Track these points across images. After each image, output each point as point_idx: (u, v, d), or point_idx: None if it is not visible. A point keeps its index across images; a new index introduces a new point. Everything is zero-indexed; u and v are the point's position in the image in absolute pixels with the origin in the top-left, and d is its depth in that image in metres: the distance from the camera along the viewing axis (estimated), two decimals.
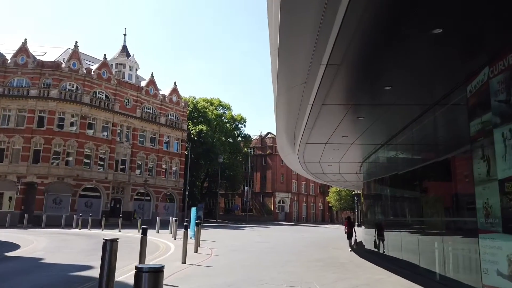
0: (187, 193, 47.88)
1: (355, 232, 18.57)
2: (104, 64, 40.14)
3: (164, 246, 16.26)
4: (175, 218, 21.23)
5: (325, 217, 77.82)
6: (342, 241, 24.38)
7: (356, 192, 53.61)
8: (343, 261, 13.18)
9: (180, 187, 47.60)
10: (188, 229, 12.20)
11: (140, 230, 9.35)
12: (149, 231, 23.97)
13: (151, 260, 11.50)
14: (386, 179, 15.45)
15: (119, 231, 25.83)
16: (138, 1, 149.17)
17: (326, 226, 56.04)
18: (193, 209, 20.77)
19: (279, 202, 68.15)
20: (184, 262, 10.70)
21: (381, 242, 15.34)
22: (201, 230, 32.06)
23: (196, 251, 13.44)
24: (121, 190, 41.36)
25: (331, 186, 65.16)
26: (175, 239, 19.41)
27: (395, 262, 12.68)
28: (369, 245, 17.96)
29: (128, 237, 20.94)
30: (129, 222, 38.82)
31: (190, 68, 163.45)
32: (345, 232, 18.52)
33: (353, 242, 18.22)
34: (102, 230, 25.85)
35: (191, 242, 13.61)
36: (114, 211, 39.77)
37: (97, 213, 37.74)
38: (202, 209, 49.99)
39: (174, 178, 47.10)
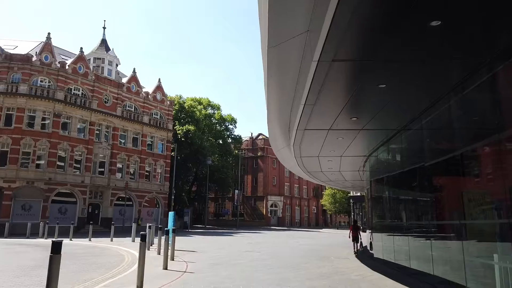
0: (173, 197, 44.70)
1: (360, 236, 18.34)
2: (81, 58, 37.00)
3: (130, 258, 13.25)
4: (149, 225, 18.19)
5: (319, 221, 75.05)
6: (343, 248, 21.57)
7: (352, 194, 51.02)
8: (354, 277, 10.33)
9: (166, 191, 44.42)
10: (159, 238, 9.23)
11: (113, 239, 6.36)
12: (124, 240, 20.89)
13: (98, 282, 8.51)
14: (403, 175, 12.64)
15: (90, 240, 22.66)
16: None
17: (320, 230, 53.24)
18: (171, 214, 17.83)
19: (271, 206, 65.20)
20: (140, 286, 7.74)
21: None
22: (186, 237, 29.33)
23: (165, 267, 10.46)
24: (100, 195, 38.07)
25: (325, 189, 62.57)
26: (148, 249, 16.36)
27: (420, 277, 9.87)
28: (379, 253, 15.16)
29: (95, 248, 17.86)
30: (108, 230, 35.54)
31: (177, 69, 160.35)
32: (349, 237, 18.38)
33: (359, 247, 18.12)
34: (71, 240, 22.66)
35: (159, 256, 10.71)
36: (92, 218, 36.46)
37: (72, 220, 34.40)
38: (189, 214, 47.18)
39: (159, 182, 43.90)
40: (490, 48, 6.55)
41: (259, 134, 71.74)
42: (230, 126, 61.33)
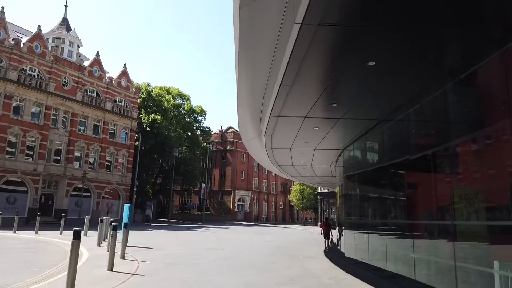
0: (135, 189, 42.52)
1: (331, 233, 18.97)
2: (38, 36, 34.05)
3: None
4: (102, 218, 16.43)
5: (286, 216, 74.72)
6: (312, 246, 20.70)
7: (320, 190, 50.69)
8: (328, 281, 9.26)
9: (128, 182, 42.14)
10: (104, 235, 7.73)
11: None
12: (68, 233, 18.94)
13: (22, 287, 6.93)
14: (381, 170, 11.70)
15: (36, 233, 20.55)
16: None
17: (287, 226, 52.66)
18: (126, 206, 16.19)
19: (238, 200, 64.04)
20: None
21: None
22: (146, 232, 27.58)
23: (111, 269, 8.96)
24: (55, 185, 35.41)
25: (294, 185, 62.10)
26: (99, 245, 14.69)
27: (399, 281, 8.94)
28: (350, 252, 14.26)
29: (38, 242, 15.95)
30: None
31: (146, 57, 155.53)
32: (321, 234, 19.18)
33: (329, 243, 18.62)
34: (14, 232, 20.45)
35: (106, 253, 9.18)
36: (45, 209, 33.81)
37: (22, 211, 31.83)
38: (151, 208, 45.13)
39: (121, 173, 41.54)
40: (497, 29, 5.57)
41: (229, 127, 70.28)
42: (200, 118, 59.47)
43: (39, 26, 34.03)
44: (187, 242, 19.28)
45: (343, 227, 17.18)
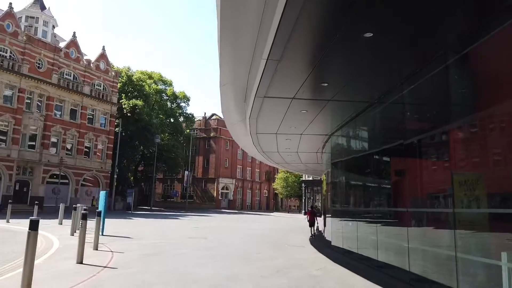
0: (115, 176, 41.31)
1: (317, 221, 19.14)
2: (9, 14, 32.14)
3: (44, 247, 10.72)
4: (76, 206, 15.47)
5: (270, 204, 74.60)
6: (297, 234, 20.24)
7: (305, 178, 50.48)
8: (316, 272, 8.69)
9: (108, 169, 40.91)
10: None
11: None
12: (51, 222, 17.98)
13: None
14: (371, 156, 11.13)
15: (7, 221, 19.42)
16: None
17: (271, 214, 52.41)
18: (102, 193, 15.25)
19: (222, 188, 63.40)
20: None
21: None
22: (126, 220, 26.63)
23: (80, 261, 8.15)
24: (30, 171, 33.98)
25: (278, 172, 61.77)
26: (72, 234, 13.79)
27: (392, 272, 8.45)
28: (338, 241, 13.77)
29: (6, 232, 14.96)
30: (39, 210, 31.82)
31: (126, 41, 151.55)
32: (308, 221, 19.18)
33: (314, 231, 18.86)
34: None
35: (88, 240, 8.37)
36: (20, 196, 32.49)
37: None
38: (132, 195, 44.03)
39: (100, 159, 40.23)
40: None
41: (213, 114, 69.15)
42: (183, 104, 58.24)
43: (10, 3, 32.12)
44: (168, 231, 18.52)
45: (329, 215, 16.71)
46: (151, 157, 51.70)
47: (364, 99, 10.13)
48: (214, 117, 67.82)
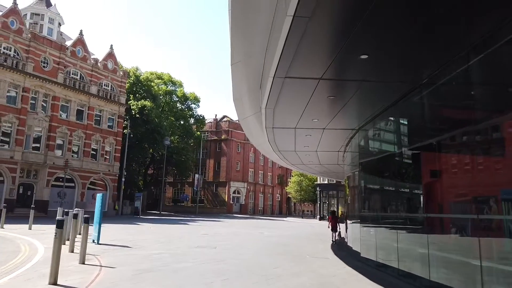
0: (123, 179, 39.83)
1: (339, 226, 18.51)
2: (13, 11, 31.02)
3: (25, 257, 9.01)
4: (68, 211, 13.80)
5: (283, 209, 72.46)
6: (316, 242, 18.25)
7: (319, 181, 48.32)
8: None
9: (115, 172, 39.42)
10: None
11: None
12: (48, 228, 16.38)
13: None
14: (415, 152, 9.19)
15: (2, 227, 17.88)
16: None
17: (285, 219, 50.34)
18: (98, 196, 13.54)
19: (234, 192, 61.55)
20: None
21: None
22: (131, 225, 24.86)
23: (54, 282, 6.38)
24: (34, 174, 32.65)
25: (291, 176, 59.74)
26: (64, 243, 12.05)
27: None
28: (369, 252, 11.77)
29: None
30: (43, 215, 30.51)
31: (134, 42, 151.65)
32: (328, 227, 18.84)
33: (337, 237, 18.29)
34: None
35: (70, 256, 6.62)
36: (24, 200, 31.17)
37: None
38: (140, 199, 42.51)
39: (108, 162, 38.79)
40: None
41: (224, 116, 67.59)
42: (193, 106, 56.73)
43: (15, 0, 30.95)
44: (173, 239, 16.73)
45: (353, 221, 14.71)
46: (161, 160, 50.23)
47: (407, 79, 8.19)
48: (225, 119, 66.23)
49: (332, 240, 18.06)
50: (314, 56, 7.29)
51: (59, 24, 35.22)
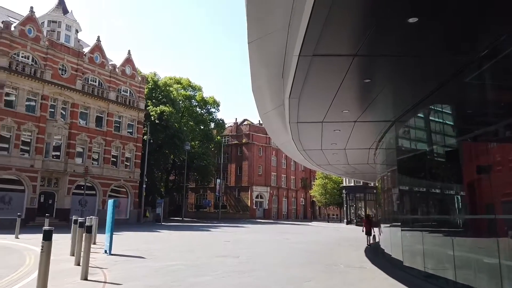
0: (144, 186, 39.20)
1: (373, 230, 18.16)
2: (31, 19, 30.92)
3: (22, 274, 7.99)
4: (77, 218, 12.84)
5: (307, 213, 70.56)
6: (348, 249, 16.68)
7: (345, 183, 46.44)
8: None
9: (136, 178, 38.81)
10: None
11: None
12: (65, 237, 15.51)
13: None
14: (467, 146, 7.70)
15: (16, 237, 17.19)
16: None
17: (310, 224, 48.61)
18: (110, 202, 12.56)
19: (256, 197, 60.21)
20: None
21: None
22: (150, 233, 23.85)
23: None
24: (55, 182, 32.34)
25: (315, 179, 57.98)
26: (72, 254, 11.06)
27: None
28: (414, 260, 10.22)
29: (3, 249, 12.46)
30: (65, 223, 30.03)
31: (152, 47, 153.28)
32: (362, 231, 18.60)
33: (371, 241, 18.01)
34: (17, 237, 17.20)
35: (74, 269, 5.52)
36: (45, 209, 30.78)
37: (19, 211, 28.67)
38: (162, 206, 41.82)
39: (128, 168, 38.26)
40: None
41: (244, 120, 66.58)
42: (213, 110, 55.95)
43: (31, 7, 30.91)
44: (193, 247, 15.56)
45: (389, 225, 13.14)
46: (182, 166, 49.54)
47: (464, 49, 6.71)
48: (245, 122, 65.20)
49: (367, 244, 17.63)
50: (349, 25, 5.97)
51: (76, 31, 35.04)
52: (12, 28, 29.48)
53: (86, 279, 7.45)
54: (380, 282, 8.68)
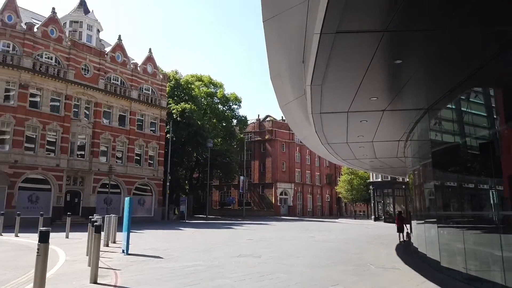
0: (168, 184, 39.17)
1: (406, 227, 17.77)
2: (53, 19, 31.27)
3: (27, 277, 7.62)
4: (107, 216, 12.53)
5: (333, 210, 69.20)
6: (377, 247, 15.72)
7: (372, 179, 45.00)
8: None
9: (160, 176, 38.88)
10: None
11: None
12: (85, 236, 15.14)
13: None
14: None
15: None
16: None
17: (336, 221, 47.44)
18: (126, 200, 12.16)
19: (280, 194, 59.43)
20: None
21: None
22: (171, 231, 23.55)
23: None
24: (80, 181, 32.70)
25: (341, 175, 56.65)
26: (87, 254, 10.70)
27: None
28: (453, 260, 9.26)
29: (21, 249, 12.29)
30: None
31: (172, 45, 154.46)
32: (396, 227, 18.17)
33: (405, 237, 17.68)
34: (16, 236, 17.27)
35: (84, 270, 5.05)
36: (71, 207, 31.18)
37: (46, 210, 29.30)
38: (185, 203, 41.75)
39: (152, 166, 38.33)
40: None
41: (267, 116, 65.88)
42: (234, 106, 55.42)
43: (53, 8, 31.26)
44: (214, 246, 15.02)
45: (431, 222, 12.12)
46: (205, 163, 49.36)
47: None
48: (268, 119, 64.46)
49: (400, 241, 17.40)
50: None
51: (98, 31, 35.25)
52: (35, 30, 29.88)
53: (95, 282, 6.98)
54: (417, 287, 7.81)
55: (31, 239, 15.98)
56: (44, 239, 4.93)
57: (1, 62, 27.74)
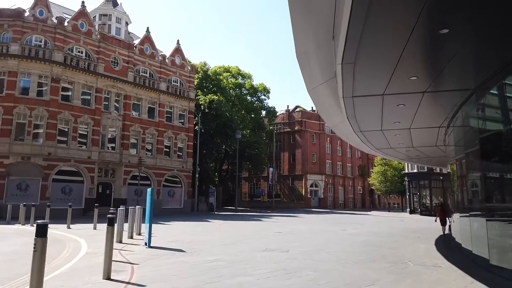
0: (197, 175, 39.11)
1: (449, 220, 16.71)
2: (82, 13, 31.60)
3: (52, 265, 7.31)
4: (131, 207, 12.24)
5: (366, 202, 67.33)
6: (414, 241, 14.63)
7: (407, 170, 43.08)
8: None
9: (189, 168, 38.89)
10: None
11: None
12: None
13: None
14: None
15: (68, 227, 17.28)
16: None
17: (369, 213, 45.95)
18: (149, 191, 11.78)
19: (311, 185, 58.34)
20: None
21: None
22: (199, 222, 23.34)
23: None
24: (111, 173, 33.13)
25: (374, 166, 54.78)
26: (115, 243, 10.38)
27: None
28: (503, 257, 8.18)
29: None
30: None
31: (201, 36, 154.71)
32: (436, 221, 17.77)
33: (447, 230, 16.73)
34: (32, 225, 17.49)
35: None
36: (104, 198, 31.72)
37: (79, 202, 29.97)
38: (214, 195, 41.63)
39: (181, 158, 38.38)
40: None
41: (296, 107, 64.67)
42: (263, 97, 54.64)
43: (83, 2, 31.55)
44: (241, 239, 14.48)
45: (478, 215, 10.96)
46: (234, 155, 49.09)
47: None
48: (298, 109, 63.26)
49: (442, 234, 16.82)
50: None
51: (126, 23, 35.40)
52: (66, 24, 30.28)
53: (108, 278, 6.53)
54: None
55: (60, 230, 16.07)
56: (41, 233, 4.44)
57: (34, 56, 28.32)
